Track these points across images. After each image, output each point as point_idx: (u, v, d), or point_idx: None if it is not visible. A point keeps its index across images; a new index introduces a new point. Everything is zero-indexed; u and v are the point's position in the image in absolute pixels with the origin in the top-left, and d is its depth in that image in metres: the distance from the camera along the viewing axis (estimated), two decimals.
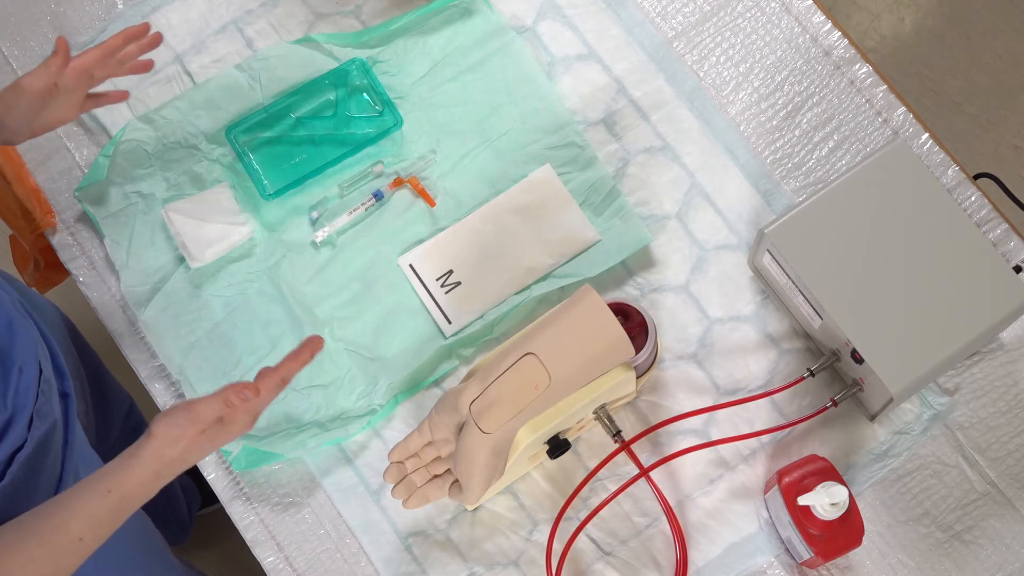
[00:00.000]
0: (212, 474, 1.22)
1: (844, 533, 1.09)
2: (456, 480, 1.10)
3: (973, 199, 1.28)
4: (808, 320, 1.19)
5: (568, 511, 1.14)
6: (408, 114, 1.32)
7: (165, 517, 1.69)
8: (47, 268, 1.38)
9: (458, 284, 1.25)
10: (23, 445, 1.03)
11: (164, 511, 1.71)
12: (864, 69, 1.33)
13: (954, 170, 1.29)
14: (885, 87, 1.32)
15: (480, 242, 1.27)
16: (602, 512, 1.17)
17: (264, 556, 1.20)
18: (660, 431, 1.21)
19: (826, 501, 1.06)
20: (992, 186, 1.35)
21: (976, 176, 1.32)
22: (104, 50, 1.11)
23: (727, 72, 1.34)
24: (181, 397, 1.25)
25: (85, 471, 1.17)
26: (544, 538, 1.17)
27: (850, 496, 1.08)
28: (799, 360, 1.23)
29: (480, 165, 1.30)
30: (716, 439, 1.17)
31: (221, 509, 1.23)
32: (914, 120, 1.31)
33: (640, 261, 1.27)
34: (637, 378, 1.16)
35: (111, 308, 1.28)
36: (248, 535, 1.21)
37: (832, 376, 1.22)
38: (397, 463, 1.12)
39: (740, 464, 1.20)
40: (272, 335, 1.25)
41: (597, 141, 1.31)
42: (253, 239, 1.28)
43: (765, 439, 1.21)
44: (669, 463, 1.19)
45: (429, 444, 1.11)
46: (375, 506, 1.20)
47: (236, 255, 1.28)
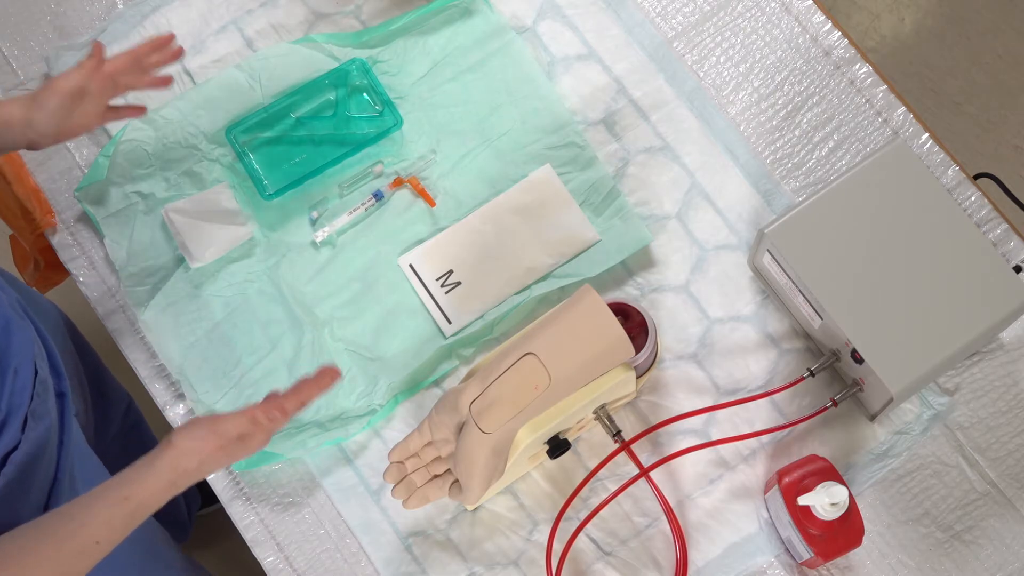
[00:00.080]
0: (212, 474, 1.22)
1: (844, 533, 1.09)
2: (456, 480, 1.10)
3: (973, 199, 1.28)
4: (808, 320, 1.19)
5: (568, 511, 1.14)
6: (408, 114, 1.32)
7: (165, 517, 1.68)
8: (47, 268, 1.38)
9: (458, 284, 1.25)
10: (17, 446, 1.03)
11: (164, 511, 1.70)
12: (864, 69, 1.33)
13: (954, 170, 1.29)
14: (885, 87, 1.32)
15: (480, 242, 1.27)
16: (602, 512, 1.17)
17: (264, 556, 1.20)
18: (660, 431, 1.21)
19: (826, 501, 1.06)
20: (992, 186, 1.35)
21: (976, 176, 1.32)
22: (131, 56, 1.12)
23: (727, 72, 1.34)
24: (181, 397, 1.24)
25: (82, 471, 1.17)
26: (544, 538, 1.17)
27: (850, 496, 1.08)
28: (799, 360, 1.23)
29: (480, 165, 1.30)
30: (716, 439, 1.18)
31: (221, 509, 1.23)
32: (914, 120, 1.31)
33: (640, 261, 1.27)
34: (637, 378, 1.16)
35: (111, 308, 1.28)
36: (248, 535, 1.21)
37: (832, 376, 1.22)
38: (397, 463, 1.12)
39: (740, 464, 1.20)
40: (272, 335, 1.25)
41: (597, 141, 1.31)
42: (253, 239, 1.28)
43: (765, 439, 1.21)
44: (669, 463, 1.19)
45: (429, 444, 1.11)
46: (375, 506, 1.20)
47: (236, 255, 1.27)
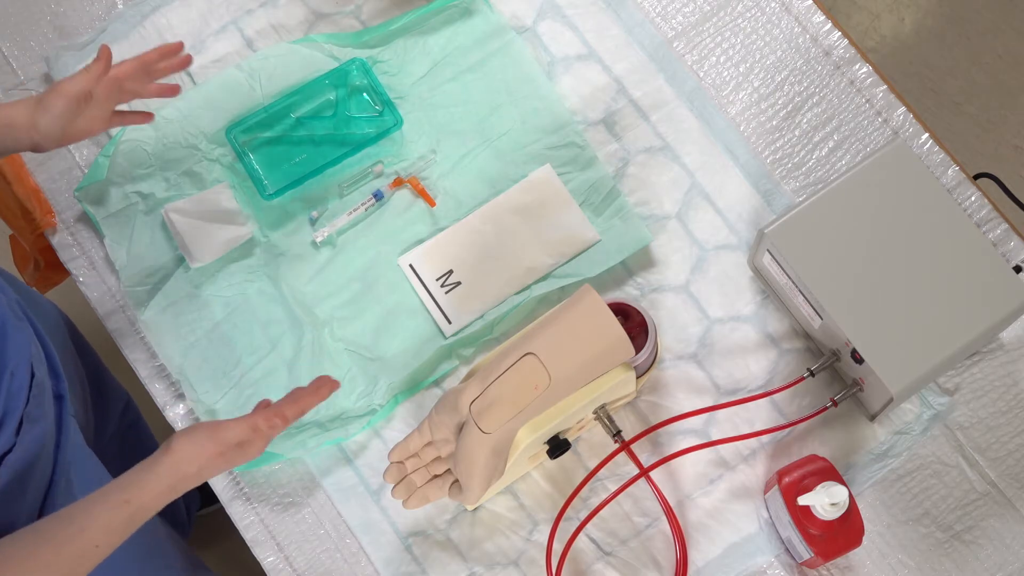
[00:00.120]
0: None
1: (844, 533, 1.09)
2: (456, 480, 1.10)
3: (973, 199, 1.28)
4: (808, 320, 1.19)
5: (568, 511, 1.14)
6: (408, 114, 1.32)
7: (165, 517, 1.68)
8: (47, 268, 1.38)
9: (458, 284, 1.25)
10: (11, 449, 1.03)
11: (164, 511, 1.70)
12: (864, 69, 1.33)
13: (954, 170, 1.29)
14: (885, 87, 1.32)
15: (480, 242, 1.27)
16: (602, 512, 1.17)
17: (264, 556, 1.20)
18: (660, 431, 1.21)
19: (826, 501, 1.06)
20: (992, 186, 1.35)
21: (976, 176, 1.32)
22: (139, 63, 1.12)
23: (727, 72, 1.34)
24: (181, 397, 1.24)
25: (80, 472, 1.17)
26: (544, 538, 1.17)
27: (850, 496, 1.08)
28: (799, 360, 1.23)
29: (480, 165, 1.30)
30: (716, 439, 1.17)
31: (221, 509, 1.23)
32: (914, 120, 1.31)
33: (640, 261, 1.27)
34: (637, 378, 1.16)
35: (111, 308, 1.28)
36: (248, 535, 1.21)
37: (832, 376, 1.22)
38: (397, 463, 1.12)
39: (740, 464, 1.20)
40: (272, 335, 1.25)
41: (597, 141, 1.31)
42: (253, 239, 1.28)
43: (765, 439, 1.21)
44: (669, 463, 1.19)
45: (429, 444, 1.11)
46: (375, 506, 1.20)
47: (236, 255, 1.27)
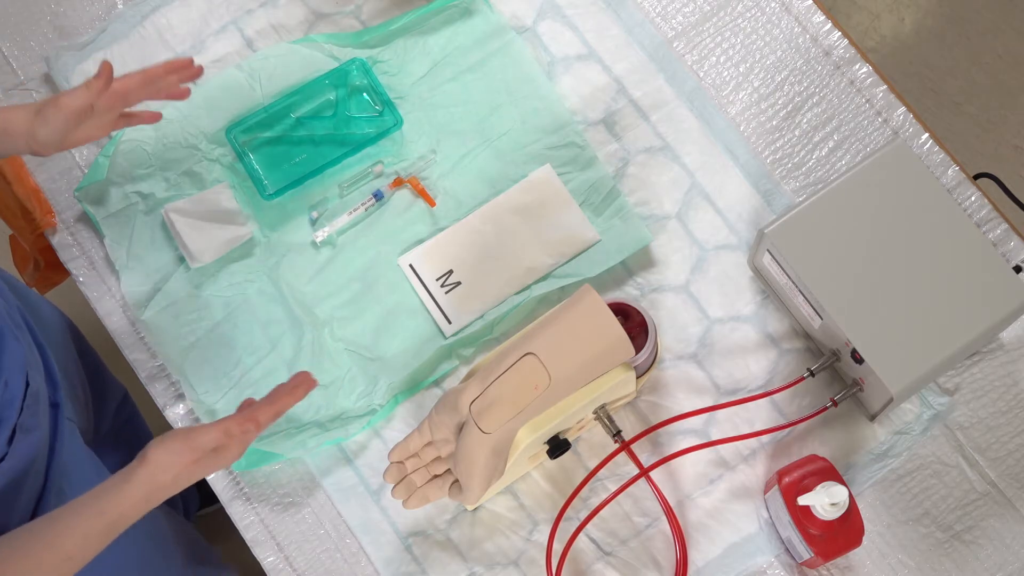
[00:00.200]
0: (212, 474, 1.22)
1: (844, 533, 1.09)
2: (456, 480, 1.10)
3: (973, 199, 1.28)
4: (808, 320, 1.19)
5: (568, 511, 1.14)
6: (408, 114, 1.32)
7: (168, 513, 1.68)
8: (47, 268, 1.38)
9: (458, 284, 1.25)
10: (3, 458, 1.03)
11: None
12: (864, 69, 1.33)
13: (954, 170, 1.29)
14: (885, 87, 1.32)
15: (480, 242, 1.27)
16: (602, 512, 1.17)
17: (264, 556, 1.20)
18: (660, 431, 1.21)
19: (826, 501, 1.06)
20: (992, 186, 1.35)
21: (976, 176, 1.32)
22: (145, 77, 1.10)
23: (727, 72, 1.34)
24: (181, 397, 1.24)
25: (78, 476, 1.17)
26: (544, 538, 1.17)
27: (850, 496, 1.08)
28: (799, 360, 1.23)
29: (480, 165, 1.30)
30: (716, 439, 1.17)
31: (221, 509, 1.23)
32: (914, 120, 1.31)
33: (640, 261, 1.27)
34: (637, 378, 1.16)
35: (111, 308, 1.28)
36: (248, 535, 1.21)
37: (832, 376, 1.22)
38: (397, 463, 1.12)
39: (740, 464, 1.20)
40: (272, 335, 1.25)
41: (597, 141, 1.31)
42: (253, 239, 1.28)
43: (765, 439, 1.21)
44: (669, 463, 1.19)
45: (429, 444, 1.11)
46: (375, 506, 1.20)
47: (236, 255, 1.27)
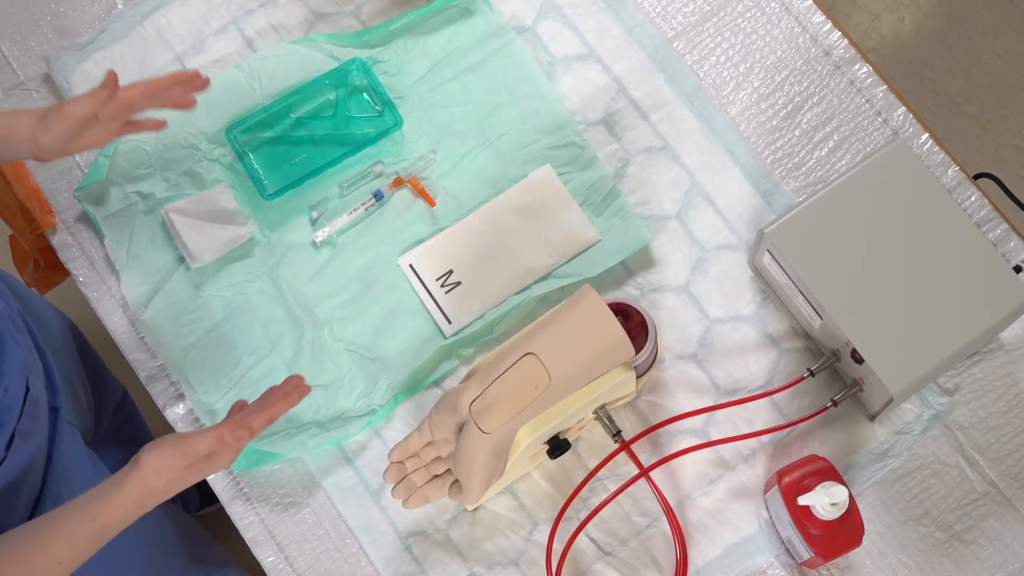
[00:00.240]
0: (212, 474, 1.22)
1: (844, 533, 1.09)
2: (456, 480, 1.10)
3: (973, 199, 1.28)
4: (808, 320, 1.19)
5: (568, 511, 1.14)
6: (408, 114, 1.32)
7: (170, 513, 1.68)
8: (47, 268, 1.38)
9: (458, 284, 1.25)
10: (1, 462, 1.03)
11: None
12: (864, 69, 1.33)
13: (954, 170, 1.29)
14: (885, 87, 1.32)
15: (480, 242, 1.27)
16: (602, 512, 1.17)
17: (264, 556, 1.20)
18: (660, 431, 1.21)
19: (826, 501, 1.06)
20: (992, 186, 1.35)
21: (976, 176, 1.32)
22: (150, 88, 1.10)
23: (727, 72, 1.34)
24: (181, 397, 1.24)
25: (78, 478, 1.17)
26: (544, 538, 1.17)
27: (850, 496, 1.08)
28: (799, 360, 1.23)
29: (480, 165, 1.30)
30: (716, 439, 1.17)
31: (221, 509, 1.23)
32: (914, 120, 1.31)
33: (640, 261, 1.27)
34: (637, 378, 1.16)
35: (111, 308, 1.28)
36: (248, 535, 1.21)
37: (832, 376, 1.22)
38: (397, 463, 1.12)
39: (740, 464, 1.20)
40: (272, 335, 1.25)
41: (597, 141, 1.31)
42: (253, 239, 1.28)
43: (765, 439, 1.21)
44: (669, 463, 1.19)
45: (429, 444, 1.11)
46: (375, 506, 1.20)
47: (236, 255, 1.27)
